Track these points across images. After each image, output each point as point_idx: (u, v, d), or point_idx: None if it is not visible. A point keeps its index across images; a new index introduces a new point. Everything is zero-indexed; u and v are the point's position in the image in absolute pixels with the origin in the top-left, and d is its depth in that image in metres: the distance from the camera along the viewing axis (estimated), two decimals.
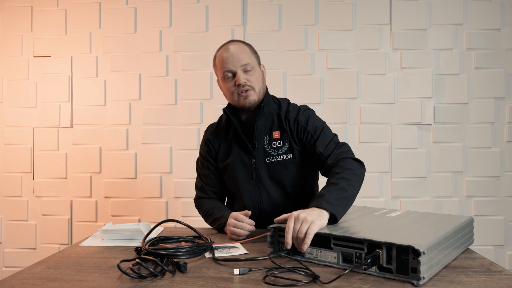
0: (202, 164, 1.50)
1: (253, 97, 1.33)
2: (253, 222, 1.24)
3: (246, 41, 2.38)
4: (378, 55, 2.35)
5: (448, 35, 2.33)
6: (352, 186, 1.16)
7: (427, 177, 2.32)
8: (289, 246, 0.97)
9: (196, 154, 1.59)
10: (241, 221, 1.23)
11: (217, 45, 2.39)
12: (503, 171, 2.30)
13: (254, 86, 1.32)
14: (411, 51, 2.34)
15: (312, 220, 0.96)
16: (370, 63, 2.35)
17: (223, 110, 1.40)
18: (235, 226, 1.23)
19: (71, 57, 2.47)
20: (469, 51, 2.32)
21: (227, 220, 1.28)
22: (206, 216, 1.43)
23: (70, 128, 2.47)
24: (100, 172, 2.45)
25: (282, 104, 1.43)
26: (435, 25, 2.34)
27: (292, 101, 2.37)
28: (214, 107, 2.39)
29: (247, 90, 1.31)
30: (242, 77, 1.30)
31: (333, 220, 1.03)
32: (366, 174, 1.99)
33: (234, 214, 1.26)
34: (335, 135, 1.38)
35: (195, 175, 1.55)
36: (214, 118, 2.31)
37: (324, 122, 1.41)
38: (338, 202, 1.06)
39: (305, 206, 1.43)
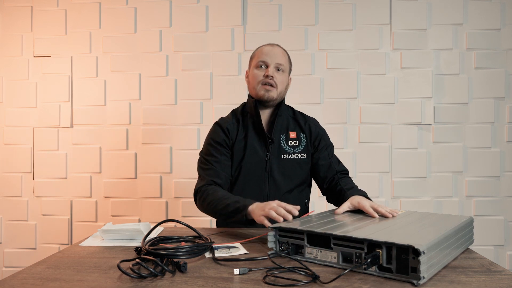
0: (217, 150, 1.44)
1: (273, 93, 1.43)
2: (296, 213, 1.12)
3: (246, 41, 2.40)
4: (378, 55, 2.35)
5: (448, 35, 2.33)
6: None
7: (427, 177, 2.32)
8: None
9: (196, 154, 1.58)
10: (283, 207, 1.11)
11: (217, 45, 2.43)
12: (503, 171, 2.30)
13: (278, 85, 1.43)
14: (411, 51, 2.34)
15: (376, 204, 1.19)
16: (370, 63, 2.35)
17: (249, 103, 1.48)
18: (279, 206, 1.12)
19: (71, 57, 2.47)
20: (469, 51, 2.32)
21: (255, 203, 1.19)
22: (220, 200, 1.29)
23: (70, 128, 2.47)
24: (100, 172, 2.45)
25: (296, 111, 1.58)
26: (435, 25, 2.34)
27: (292, 101, 2.44)
28: (214, 107, 2.39)
29: (271, 85, 1.42)
30: (272, 71, 1.42)
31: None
32: (366, 174, 2.15)
33: (277, 201, 1.15)
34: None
35: (195, 175, 1.51)
36: (214, 118, 2.31)
37: (331, 142, 1.60)
38: None
39: (303, 203, 1.52)
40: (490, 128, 2.31)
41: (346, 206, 1.23)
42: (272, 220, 1.12)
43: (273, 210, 1.10)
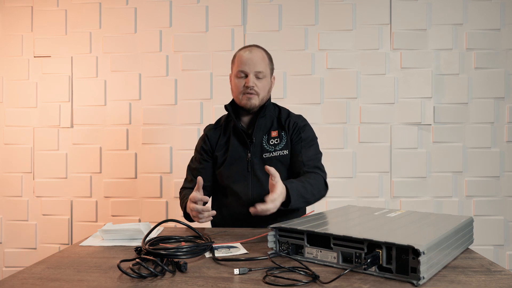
0: (195, 158, 1.59)
1: (255, 101, 1.45)
2: (205, 199, 1.27)
3: (246, 41, 2.40)
4: (378, 55, 2.35)
5: (448, 35, 2.33)
6: (313, 196, 1.37)
7: (427, 177, 2.32)
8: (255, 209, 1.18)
9: None
10: (193, 202, 1.27)
11: (217, 45, 2.42)
12: (503, 171, 2.30)
13: (259, 92, 1.46)
14: (411, 51, 2.34)
15: (275, 207, 1.21)
16: (370, 63, 2.35)
17: (225, 106, 1.52)
18: (191, 210, 1.28)
19: (71, 57, 2.47)
20: (469, 51, 2.33)
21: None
22: (181, 201, 1.51)
23: (70, 128, 2.47)
24: (100, 172, 2.45)
25: (283, 110, 1.57)
26: (435, 25, 2.34)
27: (292, 101, 2.43)
28: (214, 107, 2.39)
29: (252, 93, 1.44)
30: (252, 81, 1.43)
31: (284, 204, 1.25)
32: (366, 174, 2.08)
33: (191, 196, 1.29)
34: (321, 153, 1.53)
35: None
36: (214, 118, 2.31)
37: (317, 138, 1.55)
38: (300, 199, 1.29)
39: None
40: (490, 128, 2.31)
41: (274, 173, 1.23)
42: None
43: (193, 213, 1.28)
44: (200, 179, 1.27)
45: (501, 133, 2.31)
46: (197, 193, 1.27)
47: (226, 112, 1.63)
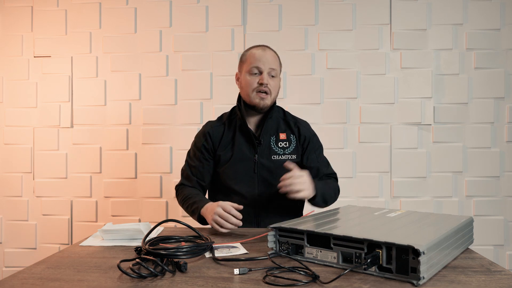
0: (195, 155, 1.53)
1: (267, 101, 1.44)
2: (240, 216, 1.23)
3: (246, 41, 2.40)
4: (378, 55, 2.35)
5: (448, 35, 2.33)
6: (331, 198, 1.47)
7: (427, 177, 2.32)
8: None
9: None
10: (228, 212, 1.22)
11: (217, 45, 2.42)
12: (503, 171, 2.30)
13: (272, 92, 1.44)
14: (411, 51, 2.34)
15: (305, 189, 1.26)
16: (370, 63, 2.35)
17: (237, 106, 1.50)
18: (220, 216, 1.22)
19: (71, 57, 2.47)
20: (469, 51, 2.33)
21: (205, 205, 1.31)
22: (184, 199, 1.45)
23: (70, 128, 2.47)
24: (100, 172, 2.45)
25: (287, 113, 1.58)
26: (435, 25, 2.34)
27: (292, 101, 2.43)
28: (214, 107, 2.39)
29: (265, 93, 1.42)
30: (266, 78, 1.41)
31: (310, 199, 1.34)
32: (366, 174, 2.20)
33: (222, 203, 1.25)
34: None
35: None
36: (214, 118, 2.31)
37: (321, 144, 1.61)
38: (323, 197, 1.39)
39: (296, 205, 1.51)
40: (490, 128, 2.31)
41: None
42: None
43: (219, 219, 1.22)
44: (240, 206, 1.26)
45: (501, 133, 2.31)
46: (232, 208, 1.24)
47: (227, 110, 1.62)
